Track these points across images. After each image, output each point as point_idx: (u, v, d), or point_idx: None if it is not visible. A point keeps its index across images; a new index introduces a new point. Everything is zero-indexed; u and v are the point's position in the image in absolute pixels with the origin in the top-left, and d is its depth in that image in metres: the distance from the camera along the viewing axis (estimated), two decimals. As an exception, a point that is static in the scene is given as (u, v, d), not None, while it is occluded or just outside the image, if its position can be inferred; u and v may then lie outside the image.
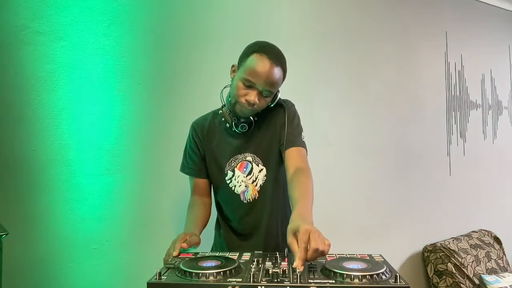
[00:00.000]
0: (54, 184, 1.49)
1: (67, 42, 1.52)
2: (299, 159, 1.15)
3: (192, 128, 1.31)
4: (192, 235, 1.08)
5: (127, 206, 1.63)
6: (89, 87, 1.57)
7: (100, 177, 1.58)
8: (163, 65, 1.73)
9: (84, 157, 1.55)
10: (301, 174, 1.09)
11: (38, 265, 1.46)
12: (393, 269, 0.80)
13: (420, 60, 2.69)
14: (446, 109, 2.83)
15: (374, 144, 2.42)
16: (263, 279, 0.75)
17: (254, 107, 1.13)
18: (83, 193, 1.54)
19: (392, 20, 2.53)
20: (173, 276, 0.78)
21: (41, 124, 1.47)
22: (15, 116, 1.43)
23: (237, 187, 1.24)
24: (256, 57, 1.10)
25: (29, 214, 1.45)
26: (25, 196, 1.44)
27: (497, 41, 3.17)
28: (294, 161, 1.15)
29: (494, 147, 3.11)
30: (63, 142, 1.51)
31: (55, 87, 1.50)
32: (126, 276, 1.60)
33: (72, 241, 1.51)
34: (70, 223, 1.52)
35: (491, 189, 3.06)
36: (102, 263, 1.57)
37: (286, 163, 1.17)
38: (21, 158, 1.44)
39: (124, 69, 1.63)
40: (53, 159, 1.49)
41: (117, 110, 1.62)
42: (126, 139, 1.63)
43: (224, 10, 1.89)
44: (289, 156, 1.16)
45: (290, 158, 1.16)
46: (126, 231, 1.62)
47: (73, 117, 1.53)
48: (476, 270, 2.50)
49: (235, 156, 1.24)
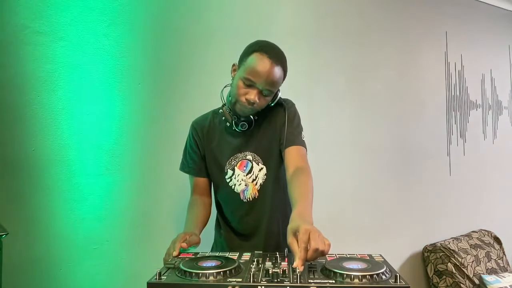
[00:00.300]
0: (54, 184, 1.49)
1: (67, 42, 1.52)
2: (299, 158, 1.16)
3: (192, 127, 1.31)
4: (192, 235, 1.08)
5: (127, 206, 1.63)
6: (89, 87, 1.57)
7: (100, 177, 1.58)
8: (163, 65, 1.73)
9: (84, 157, 1.55)
10: (301, 174, 1.09)
11: (38, 265, 1.46)
12: (393, 269, 0.80)
13: (420, 60, 2.69)
14: (446, 109, 2.83)
15: (374, 144, 2.42)
16: (263, 279, 0.75)
17: (254, 106, 1.14)
18: (83, 193, 1.54)
19: (392, 20, 2.53)
20: (173, 276, 0.78)
21: (41, 124, 1.47)
22: (15, 116, 1.43)
23: (237, 185, 1.24)
24: (257, 57, 1.10)
25: (29, 214, 1.45)
26: (25, 196, 1.44)
27: (497, 41, 3.17)
28: (294, 160, 1.15)
29: (494, 147, 3.11)
30: (63, 142, 1.51)
31: (55, 87, 1.50)
32: (126, 276, 1.60)
33: (72, 241, 1.51)
34: (70, 223, 1.52)
35: (491, 189, 3.06)
36: (102, 263, 1.57)
37: (286, 162, 1.17)
38: (21, 158, 1.44)
39: (124, 69, 1.63)
40: (53, 159, 1.49)
41: (117, 110, 1.62)
42: (126, 139, 1.63)
43: (224, 9, 1.89)
44: (289, 155, 1.17)
45: (289, 157, 1.16)
46: (126, 231, 1.62)
47: (73, 117, 1.53)
48: (476, 270, 2.50)
49: (235, 155, 1.24)
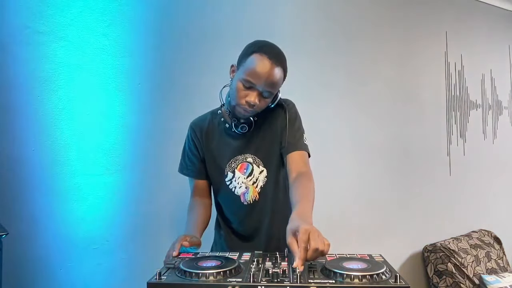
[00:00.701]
0: (54, 184, 1.49)
1: (67, 42, 1.52)
2: (301, 164, 1.15)
3: (190, 129, 1.29)
4: (193, 237, 1.08)
5: (127, 206, 1.63)
6: (89, 87, 1.57)
7: (100, 177, 1.58)
8: (163, 65, 1.73)
9: (84, 157, 1.55)
10: (302, 178, 1.09)
11: (38, 265, 1.46)
12: (393, 269, 0.80)
13: (420, 60, 2.69)
14: (446, 109, 2.83)
15: (374, 144, 2.42)
16: (263, 279, 0.75)
17: (254, 108, 1.12)
18: (83, 193, 1.54)
19: (392, 20, 2.53)
20: (173, 276, 0.78)
21: (41, 124, 1.47)
22: (15, 116, 1.43)
23: (237, 188, 1.23)
24: (256, 57, 1.08)
25: (29, 214, 1.45)
26: (25, 196, 1.44)
27: (497, 41, 3.17)
28: (296, 166, 1.14)
29: (494, 147, 3.11)
30: (63, 142, 1.51)
31: (55, 87, 1.50)
32: (126, 276, 1.60)
33: (72, 241, 1.52)
34: (70, 223, 1.52)
35: (491, 189, 3.06)
36: (102, 263, 1.57)
37: (288, 167, 1.16)
38: (21, 158, 1.44)
39: (124, 69, 1.63)
40: (53, 159, 1.49)
41: (117, 110, 1.62)
42: (126, 139, 1.63)
43: (224, 9, 1.89)
44: (291, 161, 1.16)
45: (292, 162, 1.15)
46: (126, 231, 1.62)
47: (73, 117, 1.53)
48: (476, 270, 2.50)
49: (235, 157, 1.23)
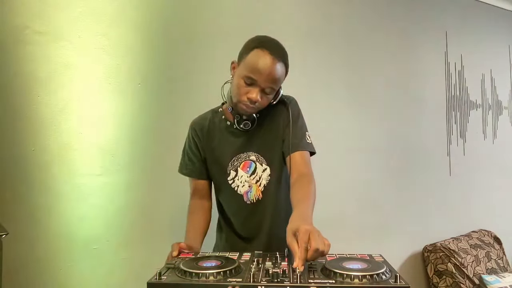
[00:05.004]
0: (54, 184, 1.49)
1: (67, 42, 1.52)
2: (302, 165, 1.13)
3: (191, 128, 1.27)
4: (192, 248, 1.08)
5: (127, 206, 1.63)
6: (89, 87, 1.57)
7: (100, 177, 1.58)
8: (163, 65, 1.72)
9: (84, 157, 1.55)
10: (303, 179, 1.08)
11: (38, 265, 1.46)
12: (393, 269, 0.80)
13: (420, 60, 2.69)
14: (446, 109, 2.83)
15: (374, 144, 2.42)
16: (263, 279, 0.75)
17: (256, 105, 1.10)
18: (83, 193, 1.54)
19: (392, 20, 2.53)
20: (173, 276, 0.78)
21: (41, 124, 1.47)
22: (15, 116, 1.43)
23: (240, 187, 1.21)
24: (257, 53, 1.06)
25: (29, 214, 1.45)
26: (25, 196, 1.44)
27: (497, 41, 3.17)
28: (297, 167, 1.13)
29: (494, 147, 3.11)
30: (63, 142, 1.51)
31: (55, 87, 1.50)
32: (126, 276, 1.60)
33: (72, 241, 1.51)
34: (70, 223, 1.51)
35: (491, 189, 3.06)
36: (102, 263, 1.57)
37: (289, 168, 1.14)
38: (21, 158, 1.44)
39: (124, 69, 1.63)
40: (53, 159, 1.49)
41: (117, 110, 1.62)
42: (126, 139, 1.63)
43: (224, 8, 1.89)
44: (293, 161, 1.14)
45: (293, 163, 1.14)
46: (126, 231, 1.62)
47: (73, 117, 1.53)
48: (476, 270, 2.50)
49: (238, 155, 1.21)
